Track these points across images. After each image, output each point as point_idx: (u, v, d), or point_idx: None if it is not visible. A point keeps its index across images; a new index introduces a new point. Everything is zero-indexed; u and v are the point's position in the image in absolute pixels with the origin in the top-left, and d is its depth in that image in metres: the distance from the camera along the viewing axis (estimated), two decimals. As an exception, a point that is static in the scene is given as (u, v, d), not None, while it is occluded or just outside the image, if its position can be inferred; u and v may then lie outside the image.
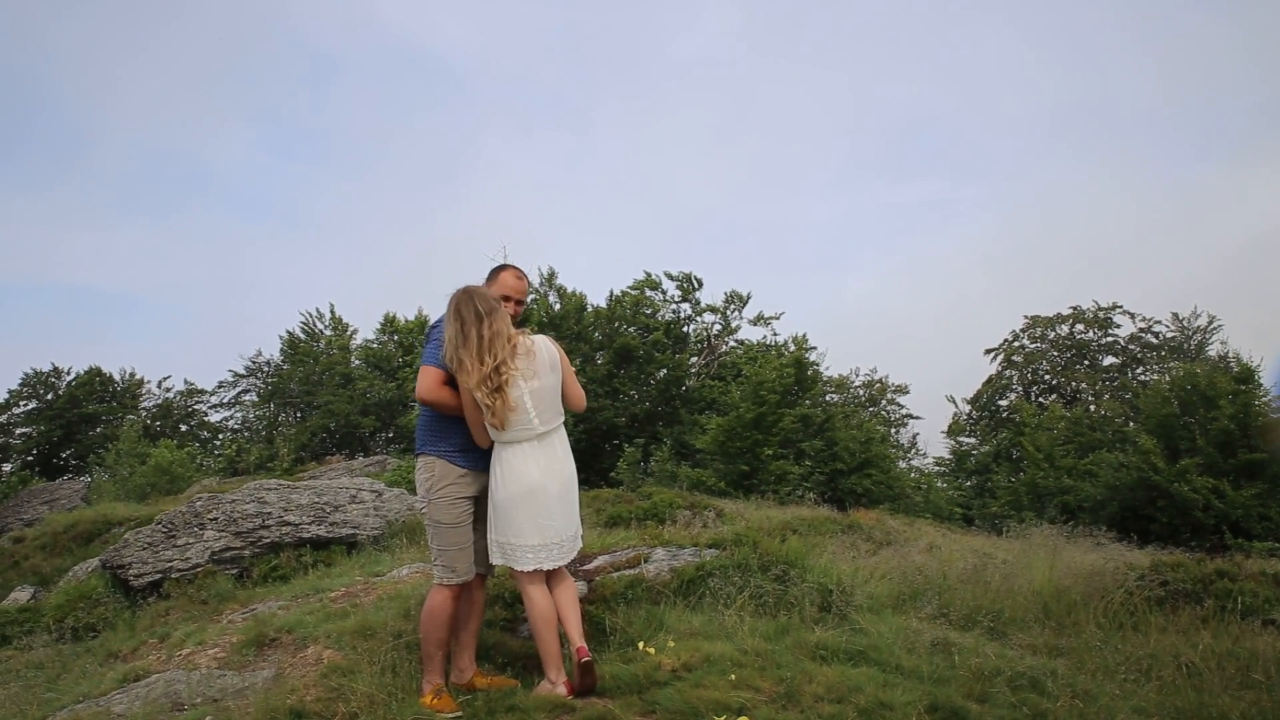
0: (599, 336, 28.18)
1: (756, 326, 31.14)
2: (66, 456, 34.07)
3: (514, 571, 3.39)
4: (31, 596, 8.16)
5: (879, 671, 3.58)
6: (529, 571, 3.33)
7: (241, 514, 6.74)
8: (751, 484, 18.53)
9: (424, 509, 3.52)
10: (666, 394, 28.17)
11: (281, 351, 34.75)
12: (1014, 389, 36.19)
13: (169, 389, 36.99)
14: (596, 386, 26.01)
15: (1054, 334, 36.10)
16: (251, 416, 36.06)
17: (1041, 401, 32.94)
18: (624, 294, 29.54)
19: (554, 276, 29.76)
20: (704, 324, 31.00)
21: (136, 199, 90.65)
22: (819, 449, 20.23)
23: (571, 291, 29.12)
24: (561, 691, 3.29)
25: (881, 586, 4.95)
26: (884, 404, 36.52)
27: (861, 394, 36.47)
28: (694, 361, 29.90)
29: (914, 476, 26.09)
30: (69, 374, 34.79)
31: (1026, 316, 36.63)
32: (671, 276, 30.38)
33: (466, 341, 3.26)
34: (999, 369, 36.47)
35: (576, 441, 24.23)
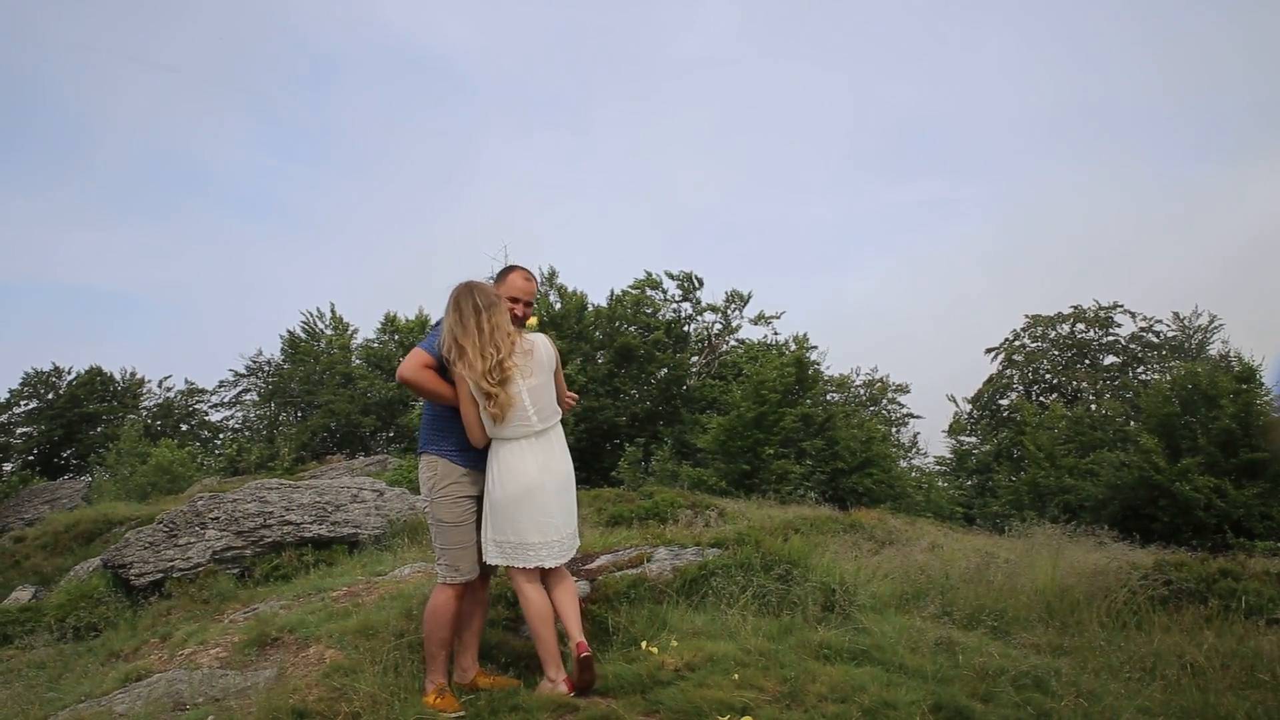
0: (600, 336, 28.16)
1: (757, 326, 31.16)
2: (67, 456, 34.06)
3: (511, 570, 3.37)
4: (33, 596, 8.16)
5: (882, 671, 3.57)
6: (527, 570, 3.32)
7: (243, 513, 6.73)
8: (753, 483, 18.52)
9: (427, 508, 3.51)
10: (667, 393, 28.16)
11: (282, 351, 34.76)
12: (1015, 388, 36.16)
13: (170, 388, 37.02)
14: (597, 386, 26.00)
15: (1055, 333, 36.06)
16: (252, 416, 36.07)
17: (1042, 401, 32.93)
18: (625, 293, 29.53)
19: (554, 276, 29.76)
20: (705, 323, 31.00)
21: (137, 199, 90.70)
22: (820, 448, 20.21)
23: (572, 291, 29.11)
24: (563, 689, 3.28)
25: (884, 586, 4.94)
26: (885, 403, 36.49)
27: (862, 393, 36.45)
28: (695, 361, 29.89)
29: (915, 476, 26.08)
30: (70, 373, 34.79)
31: (1027, 316, 36.62)
32: (672, 276, 30.38)
33: (466, 332, 3.25)
34: (1000, 368, 36.46)
35: (577, 441, 24.33)
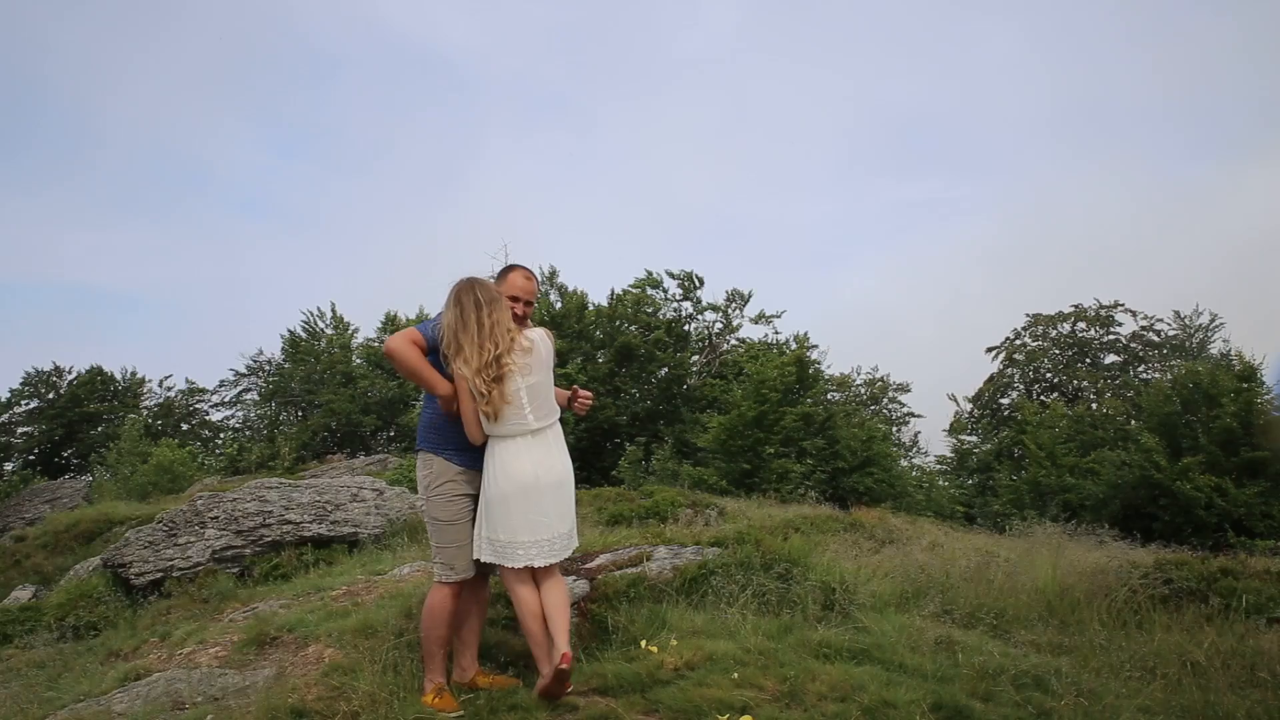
0: (600, 335, 28.13)
1: (758, 325, 31.09)
2: (68, 455, 34.05)
3: (502, 569, 3.35)
4: (33, 595, 8.16)
5: (882, 670, 3.56)
6: (518, 569, 3.30)
7: (242, 513, 6.73)
8: (753, 482, 18.50)
9: (423, 506, 3.51)
10: (668, 393, 28.14)
11: (283, 350, 34.68)
12: (1015, 387, 36.12)
13: (170, 388, 36.98)
14: (598, 385, 25.97)
15: (1055, 332, 36.01)
16: (253, 415, 36.01)
17: (1043, 400, 32.88)
18: (625, 293, 29.49)
19: (555, 275, 29.73)
20: (705, 322, 30.94)
21: (137, 198, 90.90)
22: (820, 447, 20.18)
23: (572, 290, 29.08)
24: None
25: (884, 585, 4.93)
26: (885, 402, 36.45)
27: (863, 392, 36.42)
28: (695, 360, 29.86)
29: (916, 475, 26.05)
30: (70, 373, 34.78)
31: (1028, 314, 36.56)
32: (673, 275, 30.32)
33: (466, 327, 3.23)
34: (1000, 367, 36.41)
35: (577, 441, 24.31)
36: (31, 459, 32.47)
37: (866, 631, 4.01)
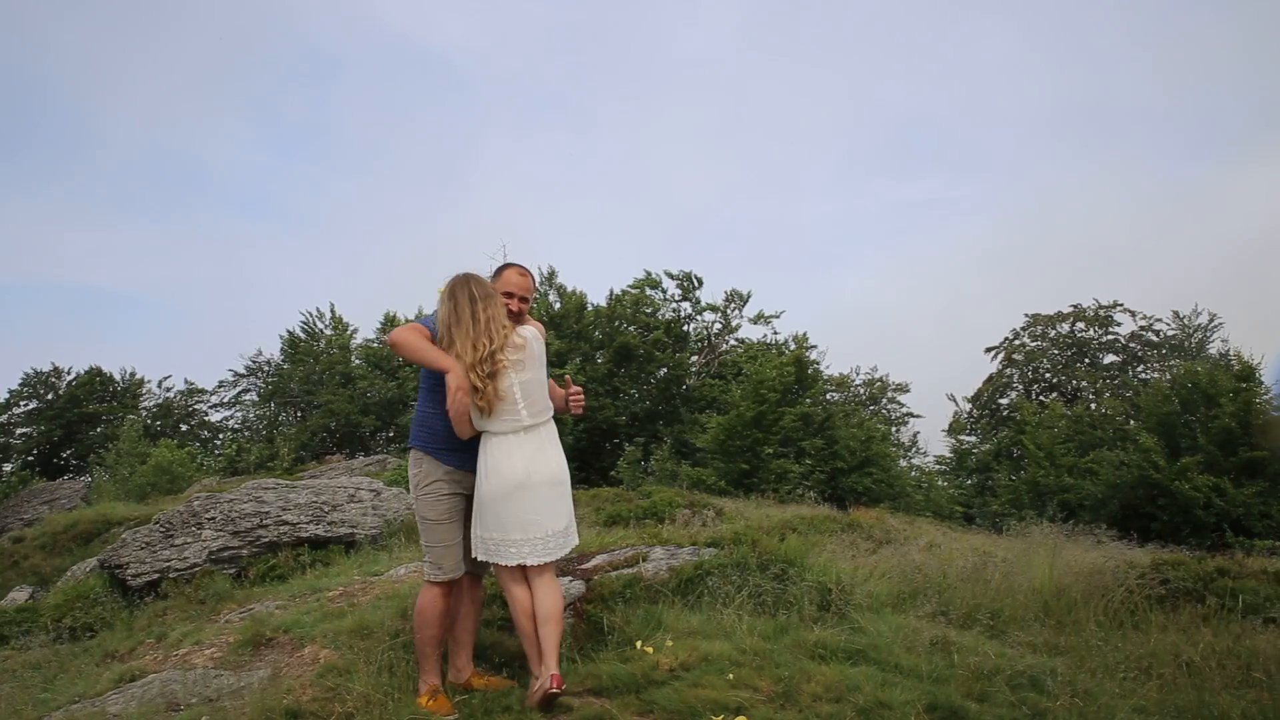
0: (599, 335, 28.14)
1: (757, 325, 31.11)
2: (67, 456, 34.05)
3: (496, 568, 3.34)
4: (30, 596, 8.15)
5: (878, 670, 3.56)
6: (511, 568, 3.30)
7: (239, 513, 6.72)
8: (752, 483, 18.50)
9: (413, 504, 3.50)
10: (667, 393, 28.15)
11: (282, 351, 34.68)
12: (1014, 387, 36.13)
13: (169, 389, 36.98)
14: (597, 385, 25.97)
15: (1054, 332, 36.02)
16: (252, 416, 35.99)
17: (1042, 400, 32.88)
18: (624, 293, 29.51)
19: (554, 275, 29.74)
20: (704, 323, 30.96)
21: (137, 198, 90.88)
22: (819, 448, 20.19)
23: (572, 290, 29.09)
24: (549, 685, 3.26)
25: (881, 585, 4.93)
26: (884, 402, 36.46)
27: (862, 392, 36.43)
28: (694, 360, 29.87)
29: (914, 475, 26.06)
30: (69, 374, 34.79)
31: (1027, 315, 36.60)
32: (672, 275, 30.34)
33: (460, 322, 3.22)
34: (999, 367, 36.42)
35: (576, 441, 24.30)
36: (30, 460, 32.46)
37: (862, 632, 4.01)
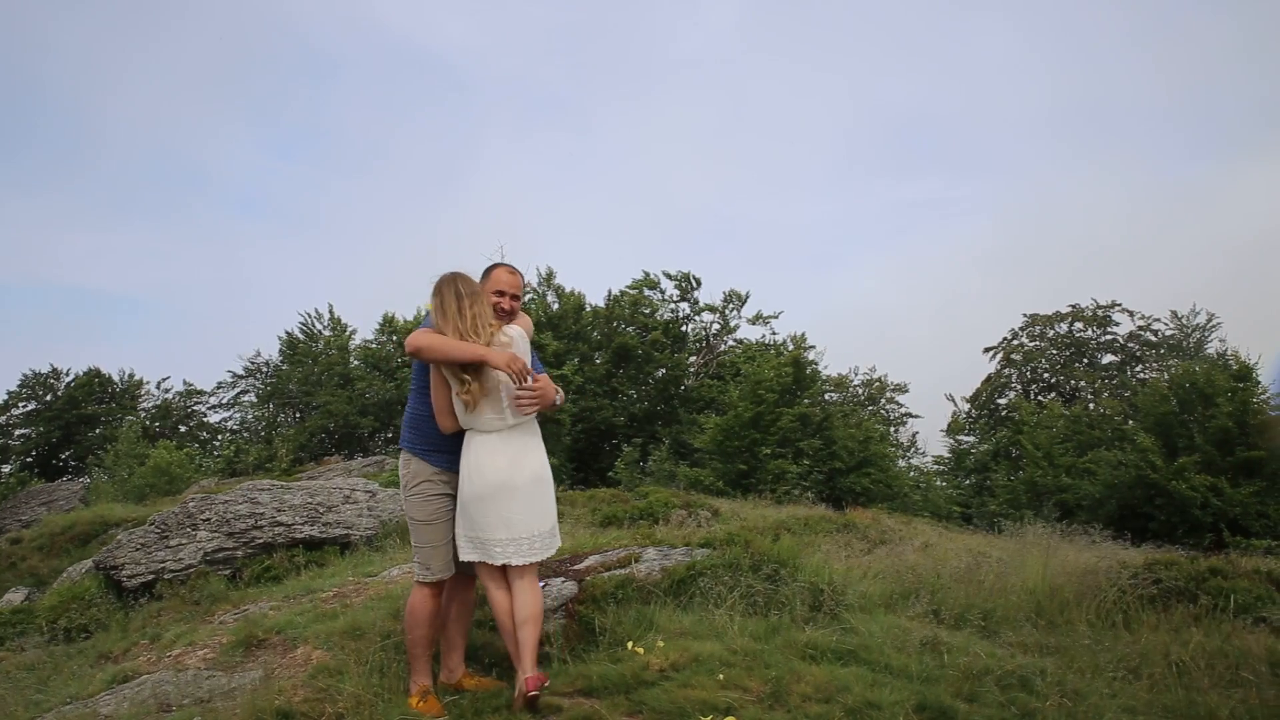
0: (597, 336, 28.15)
1: (755, 325, 31.15)
2: (66, 458, 34.02)
3: (477, 567, 3.35)
4: (26, 598, 8.15)
5: (868, 671, 3.57)
6: (492, 568, 3.30)
7: (234, 514, 6.72)
8: (749, 483, 18.50)
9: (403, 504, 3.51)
10: (665, 393, 28.16)
11: (280, 352, 34.65)
12: (1013, 387, 36.14)
13: (168, 390, 36.98)
14: (595, 386, 25.98)
15: (1053, 332, 36.04)
16: (250, 417, 35.98)
17: (1040, 400, 32.88)
18: (622, 293, 29.52)
19: (552, 276, 29.70)
20: (702, 323, 30.99)
21: (136, 199, 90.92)
22: (817, 448, 20.19)
23: (570, 291, 29.06)
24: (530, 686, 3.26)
25: (874, 585, 4.94)
26: (883, 403, 36.46)
27: (860, 393, 36.43)
28: (693, 361, 29.88)
29: (913, 475, 26.04)
30: (68, 375, 34.78)
31: (1025, 314, 36.63)
32: (670, 276, 30.36)
33: (447, 319, 3.24)
34: (998, 367, 36.43)
35: (575, 441, 24.29)
36: (29, 461, 32.45)
37: (854, 632, 4.01)
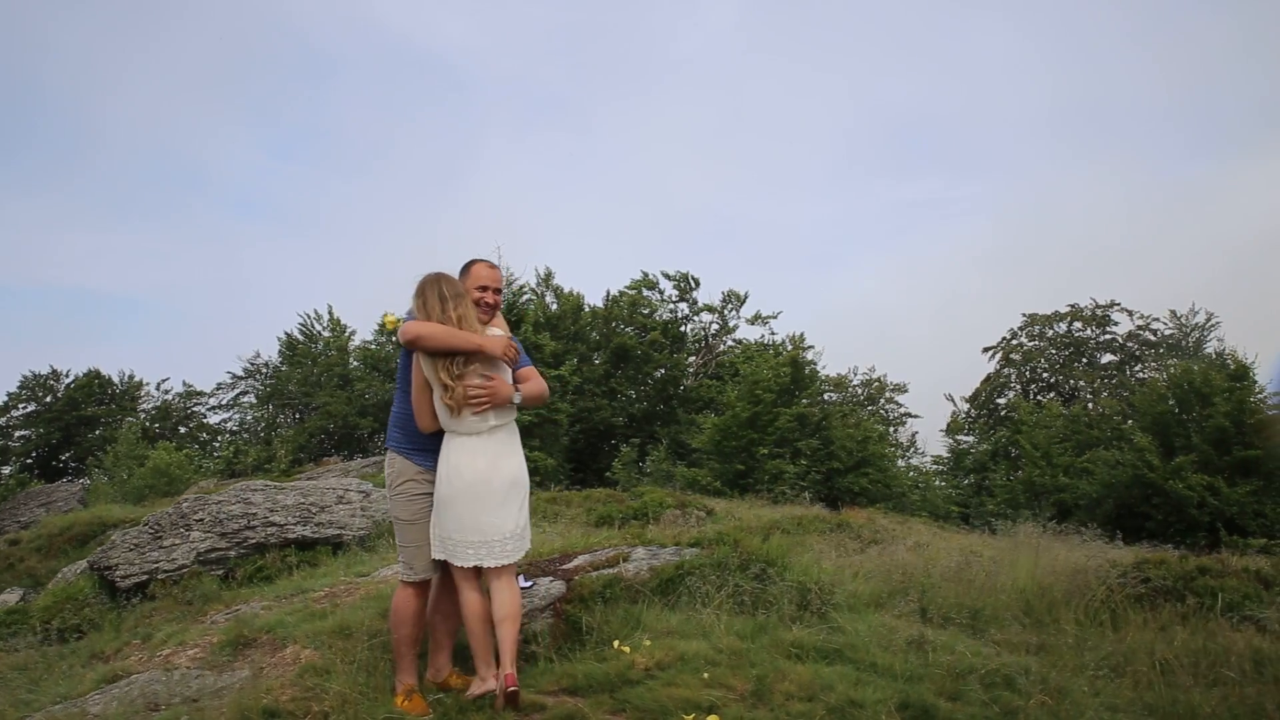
0: (596, 336, 28.17)
1: (754, 326, 31.19)
2: (65, 459, 34.07)
3: (451, 568, 3.37)
4: (21, 598, 8.17)
5: (853, 669, 3.58)
6: (466, 569, 3.32)
7: (227, 515, 6.74)
8: (747, 483, 18.52)
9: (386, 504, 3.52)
10: (664, 394, 28.19)
11: (280, 353, 34.72)
12: (1012, 387, 36.16)
13: (168, 391, 37.04)
14: (593, 386, 26.00)
15: (1052, 332, 36.05)
16: (250, 418, 36.03)
17: (1039, 399, 32.89)
18: (621, 294, 29.56)
19: (551, 276, 29.72)
20: (701, 323, 31.02)
21: (135, 200, 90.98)
22: (815, 448, 20.20)
23: (568, 291, 29.09)
24: (491, 685, 3.28)
25: (863, 585, 4.94)
26: (882, 403, 36.48)
27: (860, 393, 36.44)
28: (691, 361, 29.90)
29: (912, 475, 26.04)
30: (68, 376, 34.84)
31: (1024, 314, 36.64)
32: (669, 276, 30.39)
33: (432, 320, 3.25)
34: (997, 367, 36.45)
35: (573, 441, 24.29)
36: (29, 462, 32.50)
37: (840, 631, 4.02)
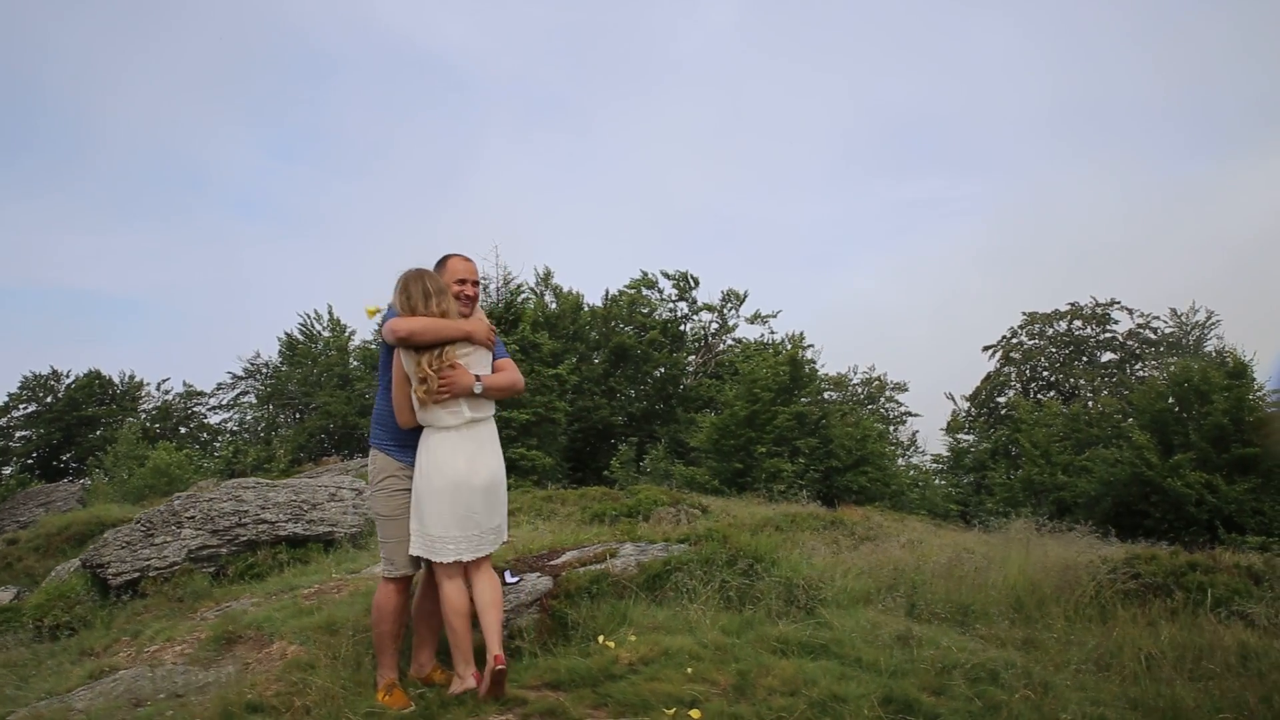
0: (595, 336, 28.17)
1: (754, 325, 31.18)
2: (66, 459, 34.12)
3: (432, 563, 3.37)
4: (14, 596, 8.17)
5: (837, 664, 3.57)
6: (447, 564, 3.32)
7: (219, 512, 6.74)
8: (745, 481, 18.52)
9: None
10: (663, 393, 28.19)
11: (280, 353, 34.78)
12: (1012, 386, 36.12)
13: (168, 391, 37.11)
14: (593, 386, 26.01)
15: (1052, 330, 36.02)
16: (250, 418, 36.07)
17: (1040, 398, 32.85)
18: (620, 293, 29.56)
19: (550, 276, 29.75)
20: (701, 323, 31.01)
21: (136, 201, 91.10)
22: (814, 446, 20.18)
23: (568, 291, 29.11)
24: (470, 684, 3.28)
25: (853, 581, 4.93)
26: (882, 402, 36.45)
27: (860, 392, 36.42)
28: (691, 360, 29.89)
29: (911, 474, 26.04)
30: (68, 377, 34.90)
31: (1024, 313, 36.63)
32: (668, 275, 30.40)
33: (416, 315, 3.26)
34: (997, 366, 36.43)
35: (572, 440, 24.29)
36: (30, 463, 32.54)
37: (827, 627, 4.01)
